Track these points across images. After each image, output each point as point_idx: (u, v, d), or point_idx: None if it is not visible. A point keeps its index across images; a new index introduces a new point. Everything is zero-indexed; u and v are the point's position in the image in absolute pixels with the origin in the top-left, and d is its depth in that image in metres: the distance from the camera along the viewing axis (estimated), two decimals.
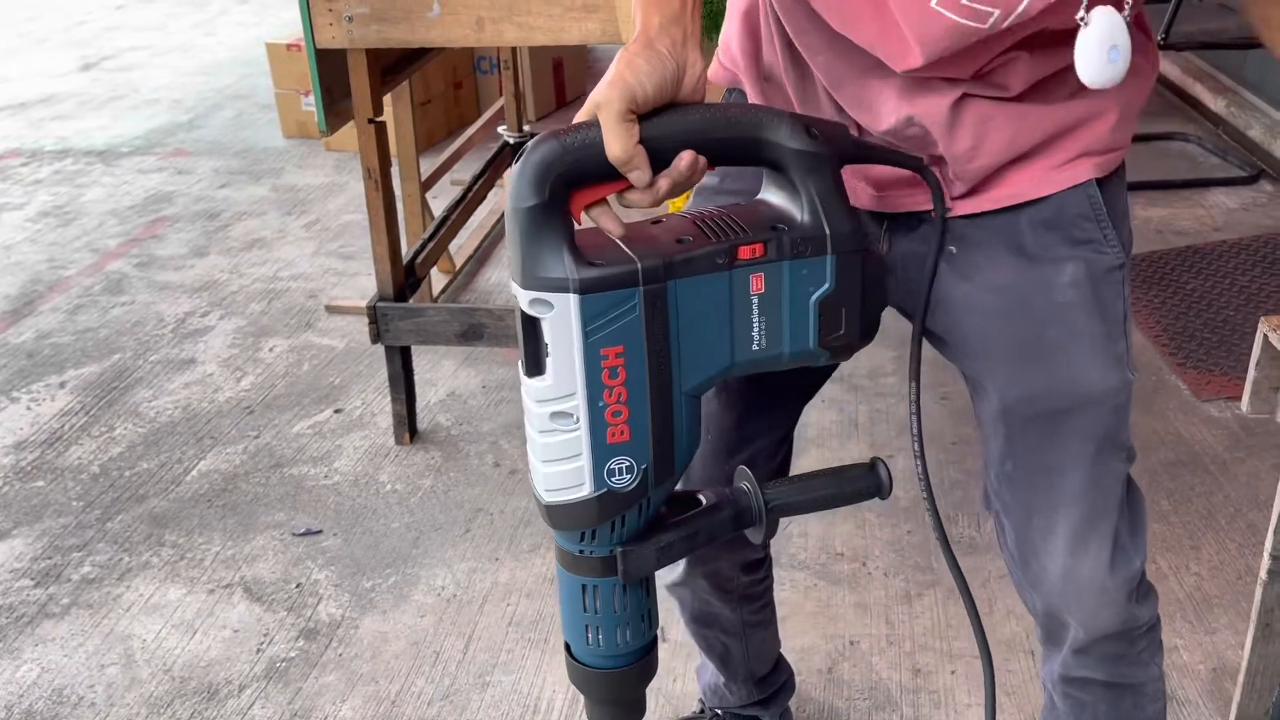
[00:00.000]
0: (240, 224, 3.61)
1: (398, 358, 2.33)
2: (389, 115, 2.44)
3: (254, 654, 1.84)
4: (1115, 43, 0.88)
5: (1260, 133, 3.71)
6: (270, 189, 3.89)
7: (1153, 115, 3.97)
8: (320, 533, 2.14)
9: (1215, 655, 1.77)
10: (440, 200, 3.17)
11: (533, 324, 0.85)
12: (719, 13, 2.03)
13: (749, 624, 1.44)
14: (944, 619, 1.86)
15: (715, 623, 1.42)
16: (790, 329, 0.91)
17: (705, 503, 0.97)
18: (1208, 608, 1.87)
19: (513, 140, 3.30)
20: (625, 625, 0.97)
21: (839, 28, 0.97)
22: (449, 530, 2.13)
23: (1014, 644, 1.80)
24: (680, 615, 1.45)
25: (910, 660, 1.79)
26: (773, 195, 0.93)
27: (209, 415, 2.53)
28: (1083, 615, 1.10)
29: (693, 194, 1.18)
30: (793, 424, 1.25)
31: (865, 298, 0.92)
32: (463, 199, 2.94)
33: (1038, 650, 1.75)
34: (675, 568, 1.33)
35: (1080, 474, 1.06)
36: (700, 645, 1.49)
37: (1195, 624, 1.83)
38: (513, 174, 0.84)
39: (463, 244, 3.25)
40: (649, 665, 1.02)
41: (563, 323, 0.83)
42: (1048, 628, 1.16)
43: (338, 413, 2.53)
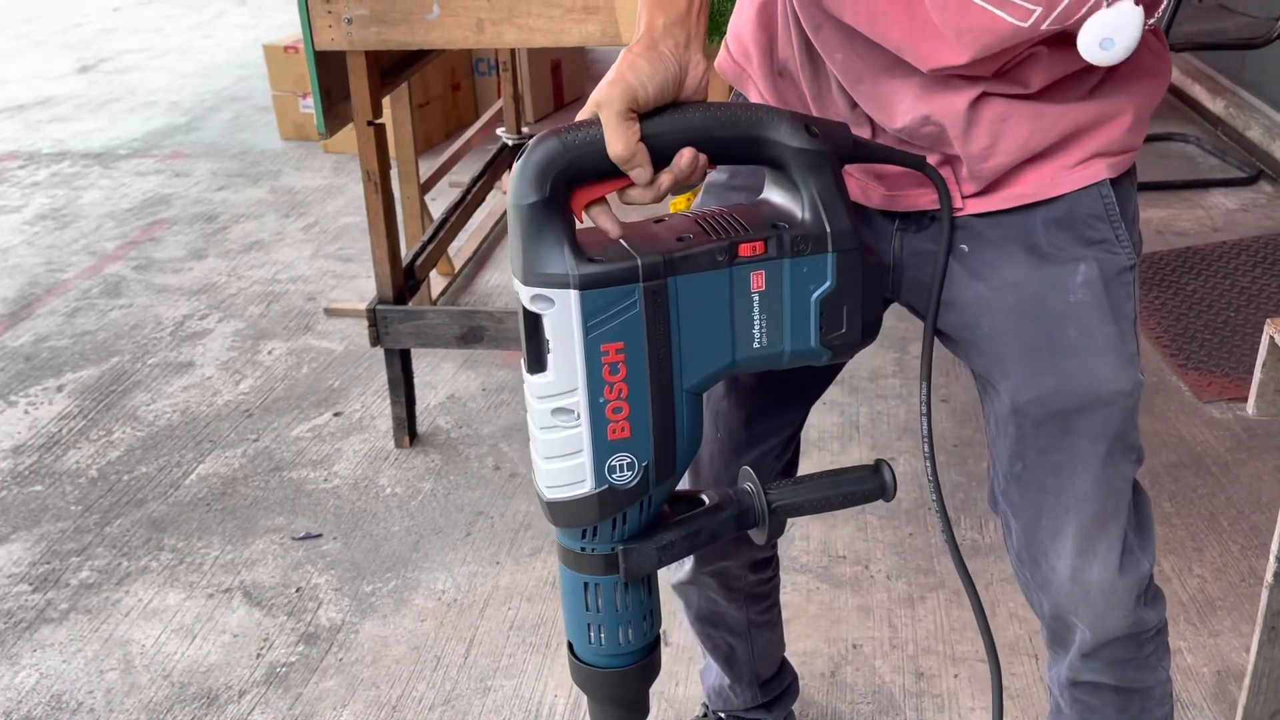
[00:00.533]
0: (238, 226, 3.60)
1: (397, 360, 2.33)
2: (388, 117, 2.43)
3: (254, 659, 1.84)
4: (1110, 35, 0.87)
5: (1259, 133, 3.70)
6: (268, 191, 3.89)
7: (1152, 116, 3.96)
8: (320, 537, 2.13)
9: (1219, 658, 1.77)
10: (439, 202, 3.17)
11: (534, 320, 0.85)
12: (720, 14, 2.03)
13: (755, 624, 1.43)
14: (947, 622, 1.86)
15: (721, 622, 1.42)
16: (791, 327, 0.91)
17: (708, 502, 0.98)
18: (1211, 610, 1.86)
19: (511, 142, 3.29)
20: (627, 624, 0.97)
21: (862, 27, 0.96)
22: (449, 534, 2.12)
23: (1017, 647, 1.80)
24: (685, 615, 1.45)
25: (913, 664, 1.78)
26: (774, 194, 0.94)
27: (208, 419, 2.53)
28: (1091, 618, 1.09)
29: (701, 191, 1.18)
30: (801, 423, 1.25)
31: (866, 296, 0.93)
32: (462, 201, 2.94)
33: (1042, 653, 1.74)
34: (682, 566, 1.33)
35: (1090, 475, 1.06)
36: (705, 645, 1.49)
37: (1199, 626, 1.83)
38: (514, 171, 0.85)
39: (462, 246, 3.24)
40: (652, 665, 1.02)
41: (563, 319, 0.84)
42: (1054, 630, 1.15)
43: (337, 416, 2.52)
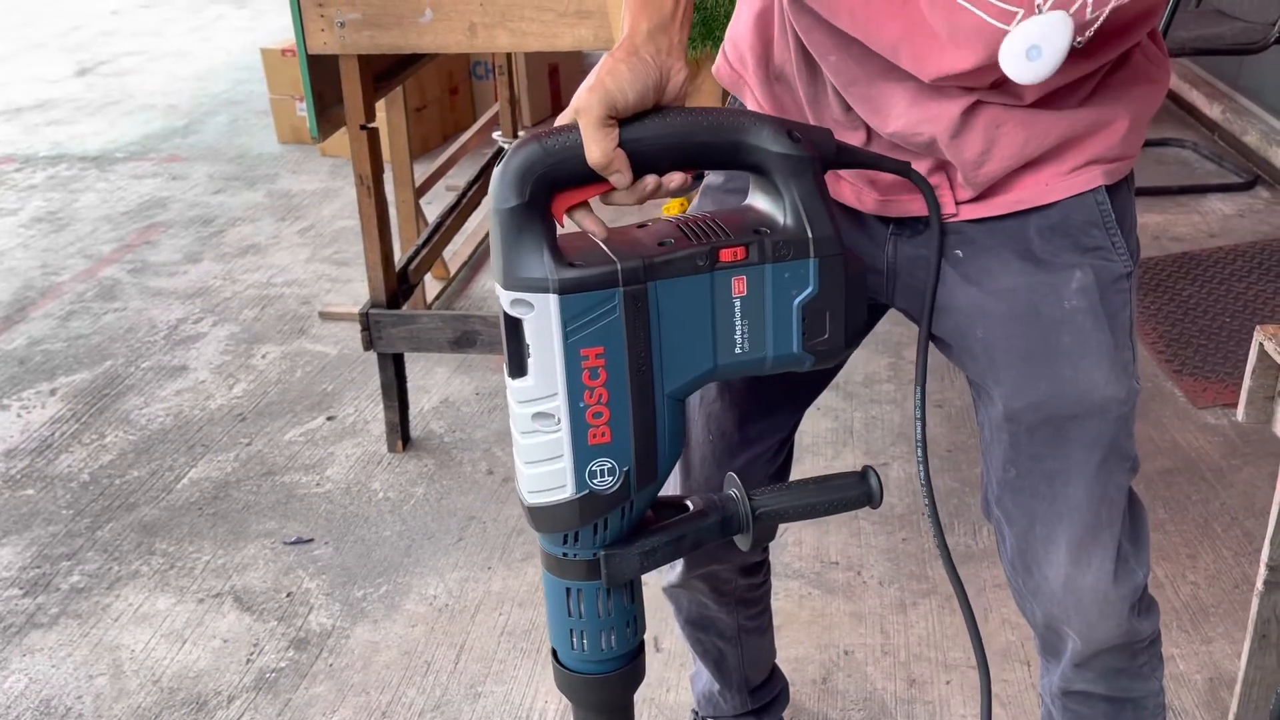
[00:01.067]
0: (234, 230, 3.60)
1: (390, 365, 2.32)
2: (382, 121, 2.43)
3: (243, 664, 1.83)
4: (1037, 43, 0.86)
5: (1256, 139, 3.70)
6: (265, 195, 3.88)
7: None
8: (311, 541, 2.12)
9: (1212, 665, 1.76)
10: (435, 206, 3.16)
11: (515, 325, 0.86)
12: (710, 18, 2.03)
13: (745, 629, 1.43)
14: (939, 629, 1.85)
15: (711, 627, 1.41)
16: (773, 333, 0.91)
17: (692, 508, 0.97)
18: (1204, 617, 1.85)
19: (508, 146, 3.29)
20: (610, 629, 0.97)
21: (858, 32, 0.96)
22: (441, 539, 2.12)
23: (1009, 653, 1.79)
24: (675, 618, 1.44)
25: (905, 670, 1.78)
26: (758, 199, 0.94)
27: (200, 423, 2.52)
28: (1083, 626, 1.09)
29: (699, 193, 1.18)
30: (794, 427, 1.24)
31: (849, 302, 0.93)
32: (457, 205, 2.93)
33: (1034, 660, 1.74)
34: (673, 569, 1.33)
35: (1084, 483, 1.05)
36: (695, 650, 1.48)
37: (1191, 633, 1.82)
38: (494, 176, 0.85)
39: (458, 249, 3.24)
40: (635, 671, 1.01)
41: (543, 323, 0.84)
42: (1047, 639, 1.15)
43: (330, 420, 2.52)
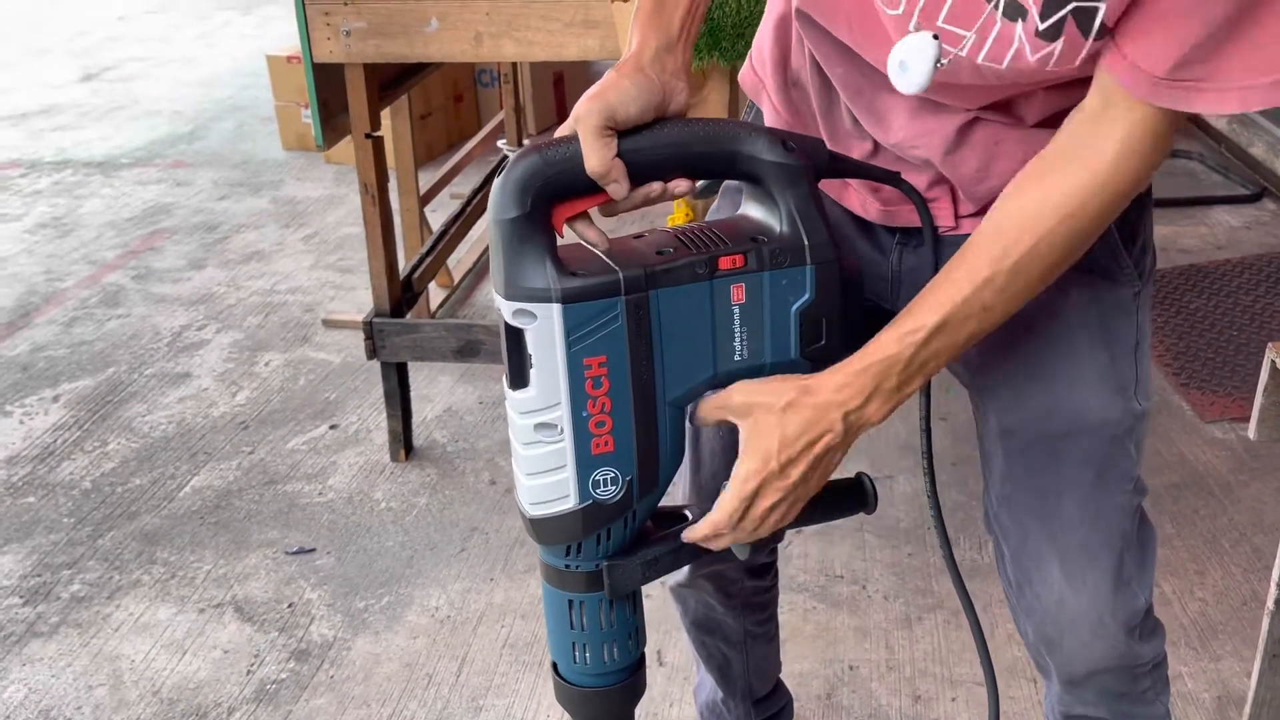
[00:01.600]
0: (238, 236, 3.59)
1: (394, 374, 2.31)
2: (387, 129, 2.42)
3: (244, 675, 1.82)
4: (905, 59, 0.87)
5: (1263, 150, 3.69)
6: (269, 201, 3.88)
7: None
8: (313, 551, 2.11)
9: (1220, 683, 1.74)
10: (439, 214, 3.16)
11: (516, 335, 0.86)
12: (716, 29, 2.02)
13: (751, 635, 1.42)
14: (945, 644, 1.84)
15: (717, 630, 1.40)
16: (772, 339, 0.92)
17: (690, 518, 0.97)
18: (1212, 634, 1.84)
19: (512, 155, 3.28)
20: (612, 642, 0.97)
21: (853, 44, 0.96)
22: (444, 549, 2.11)
23: (1016, 670, 1.78)
24: (681, 620, 1.43)
25: (910, 686, 1.76)
26: (752, 208, 0.95)
27: (203, 430, 2.51)
28: (1075, 647, 1.07)
29: (720, 193, 1.18)
30: None
31: (845, 308, 0.94)
32: (461, 213, 2.93)
33: (1040, 677, 1.72)
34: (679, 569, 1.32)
35: (1077, 501, 1.04)
36: (700, 654, 1.47)
37: (1200, 651, 1.81)
38: (494, 186, 0.85)
39: (461, 258, 3.23)
40: (637, 684, 1.01)
41: (545, 333, 0.85)
42: (1037, 658, 1.14)
43: (333, 429, 2.51)
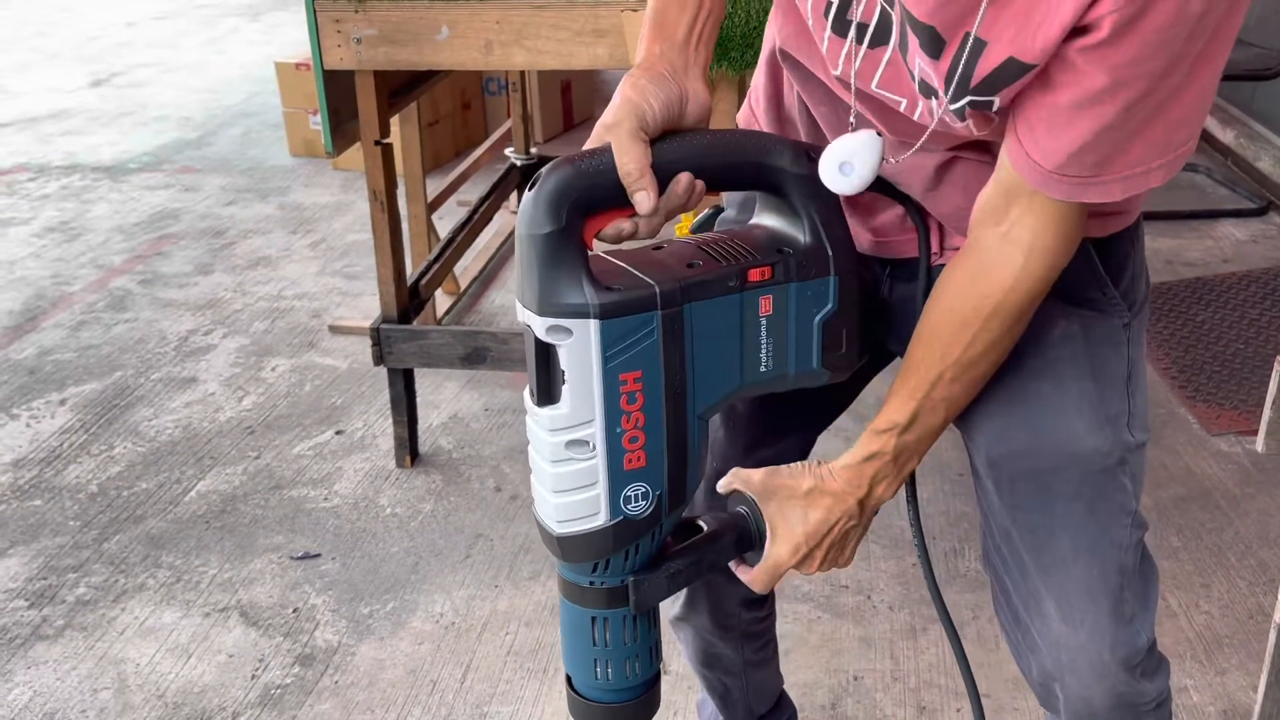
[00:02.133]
0: (245, 242, 3.60)
1: (400, 380, 2.32)
2: (396, 136, 2.43)
3: (249, 680, 1.82)
4: (849, 160, 0.89)
5: (1269, 164, 3.69)
6: (276, 207, 3.89)
7: None
8: (319, 556, 2.11)
9: (1226, 696, 1.74)
10: (447, 221, 3.16)
11: (547, 351, 0.84)
12: (726, 39, 2.03)
13: (750, 663, 1.41)
14: (950, 655, 1.83)
15: (717, 663, 1.40)
16: (796, 349, 0.93)
17: (707, 529, 0.97)
18: (1218, 647, 1.84)
19: (520, 162, 3.29)
20: (634, 657, 0.96)
21: (830, 85, 0.97)
22: (448, 556, 2.11)
23: (1021, 681, 1.77)
24: (684, 655, 1.43)
25: (915, 697, 1.76)
26: (770, 219, 0.95)
27: (209, 435, 2.52)
28: (1077, 686, 1.04)
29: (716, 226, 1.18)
30: (805, 453, 1.24)
31: (862, 317, 0.95)
32: (469, 220, 2.93)
33: None
34: (675, 602, 1.31)
35: (1069, 537, 1.01)
36: (702, 684, 1.47)
37: (1205, 664, 1.80)
38: (526, 200, 0.83)
39: (468, 265, 3.24)
40: (654, 698, 1.01)
41: (581, 349, 0.83)
42: (1043, 695, 1.11)
43: (339, 434, 2.51)
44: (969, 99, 0.84)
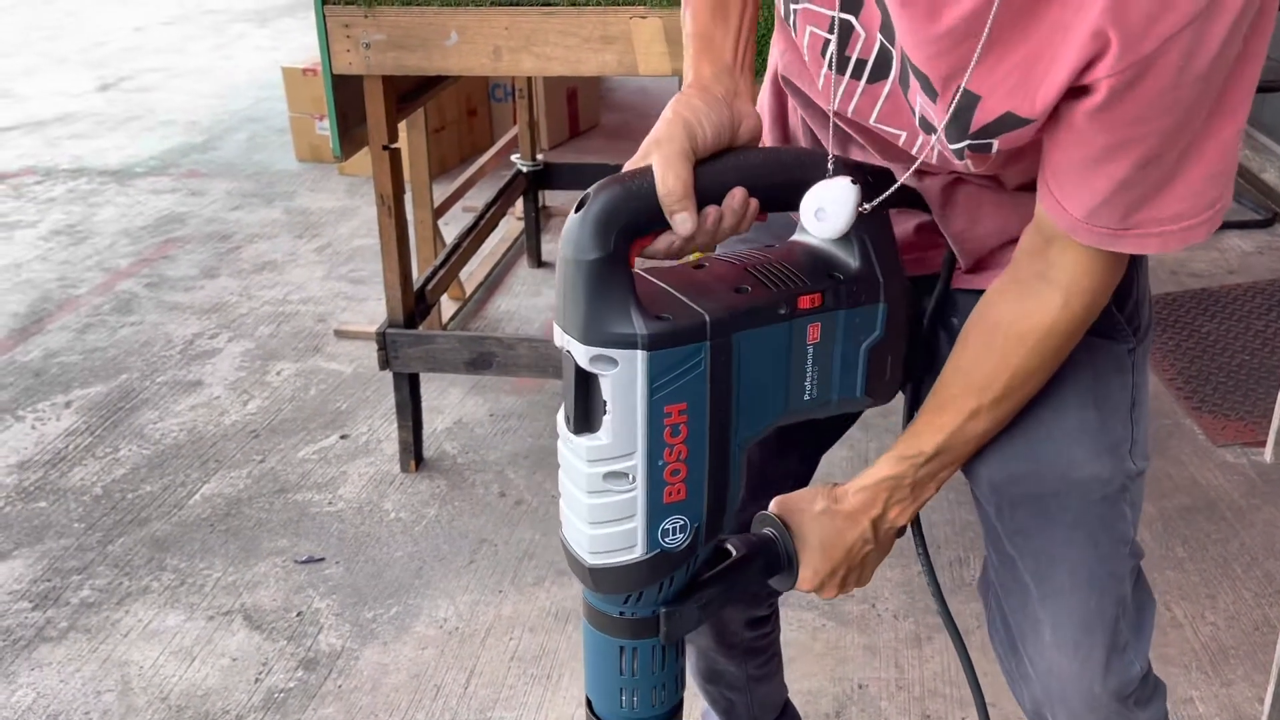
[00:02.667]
0: (251, 246, 3.61)
1: (405, 384, 2.32)
2: (403, 141, 2.44)
3: (252, 683, 1.82)
4: (823, 207, 0.87)
5: (1275, 176, 3.69)
6: (282, 212, 3.90)
7: None
8: (323, 560, 2.11)
9: (1232, 708, 1.73)
10: (452, 227, 3.17)
11: (589, 380, 0.81)
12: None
13: (754, 678, 1.41)
14: (955, 664, 1.83)
15: (720, 679, 1.39)
16: (840, 377, 0.90)
17: (735, 554, 0.95)
18: (1224, 658, 1.83)
19: (525, 168, 3.29)
20: (661, 685, 0.94)
21: (829, 110, 0.97)
22: (452, 561, 2.11)
23: None
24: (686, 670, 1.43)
25: (920, 706, 1.75)
26: (809, 239, 0.91)
27: (214, 438, 2.52)
28: (1067, 718, 1.03)
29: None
30: (811, 470, 1.23)
31: (908, 344, 0.93)
32: (475, 226, 2.94)
33: None
34: None
35: (1069, 565, 1.00)
36: (706, 699, 1.47)
37: (1211, 675, 1.80)
38: (573, 222, 0.79)
39: (474, 270, 3.24)
40: None
41: (626, 380, 0.79)
42: None
43: (344, 439, 2.51)
44: (967, 143, 0.84)
